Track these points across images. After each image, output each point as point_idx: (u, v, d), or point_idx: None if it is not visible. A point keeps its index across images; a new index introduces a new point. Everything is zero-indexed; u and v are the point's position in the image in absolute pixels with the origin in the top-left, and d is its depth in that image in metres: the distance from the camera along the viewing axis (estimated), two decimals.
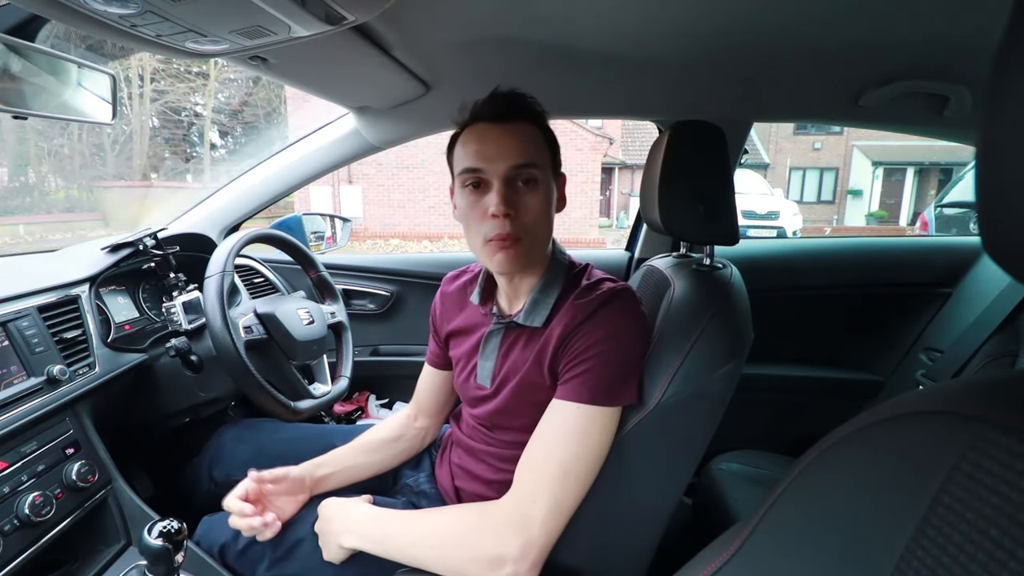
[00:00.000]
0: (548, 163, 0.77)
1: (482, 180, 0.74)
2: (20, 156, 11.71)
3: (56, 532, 0.80)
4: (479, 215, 0.74)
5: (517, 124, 0.74)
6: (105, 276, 1.09)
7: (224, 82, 14.64)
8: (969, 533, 0.27)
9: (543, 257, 0.81)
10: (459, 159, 0.76)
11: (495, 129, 0.74)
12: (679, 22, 0.87)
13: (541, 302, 0.79)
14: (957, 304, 1.57)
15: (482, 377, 0.85)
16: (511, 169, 0.73)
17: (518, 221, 0.73)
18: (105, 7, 0.60)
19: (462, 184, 0.76)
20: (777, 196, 11.26)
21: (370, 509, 0.81)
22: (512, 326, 0.82)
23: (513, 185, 0.73)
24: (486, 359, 0.84)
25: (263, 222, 1.65)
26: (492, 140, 0.73)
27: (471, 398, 0.89)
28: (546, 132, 0.79)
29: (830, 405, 1.63)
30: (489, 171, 0.73)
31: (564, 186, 0.83)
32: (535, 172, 0.74)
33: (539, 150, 0.76)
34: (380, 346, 1.77)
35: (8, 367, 0.83)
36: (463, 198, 0.76)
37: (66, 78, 0.91)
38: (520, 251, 0.74)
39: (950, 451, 0.30)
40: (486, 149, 0.73)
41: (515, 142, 0.73)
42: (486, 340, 0.85)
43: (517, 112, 0.75)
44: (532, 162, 0.73)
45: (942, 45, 0.92)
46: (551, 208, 0.78)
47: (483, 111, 0.75)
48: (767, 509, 0.41)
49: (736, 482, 1.23)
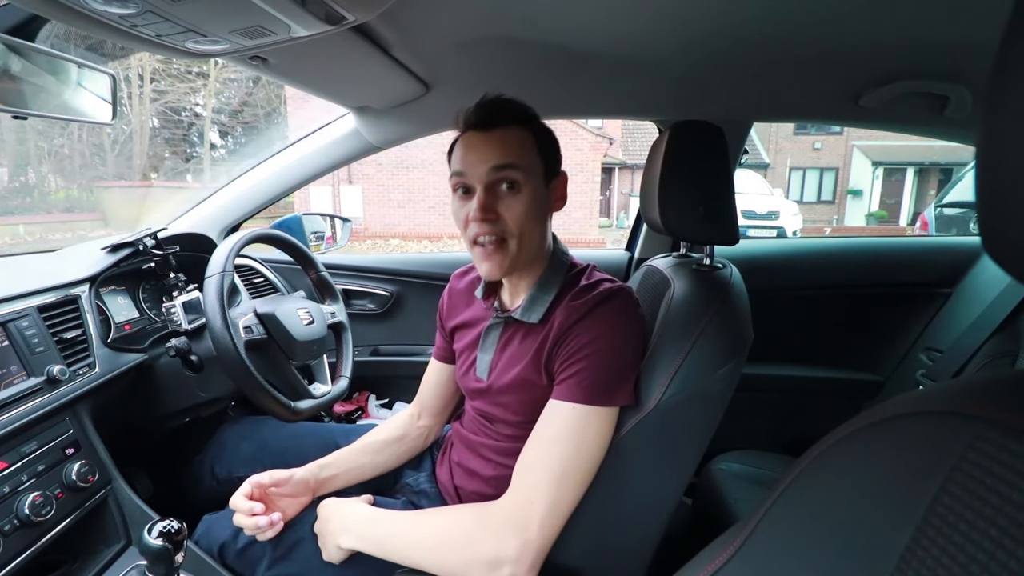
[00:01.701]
0: (535, 164, 0.78)
1: (468, 186, 0.77)
2: (20, 156, 11.71)
3: (56, 532, 0.80)
4: (465, 219, 0.77)
5: (503, 129, 0.76)
6: (105, 276, 1.09)
7: (224, 82, 14.64)
8: (969, 533, 0.27)
9: (539, 256, 0.82)
10: (451, 164, 0.80)
11: (480, 136, 0.76)
12: (679, 22, 0.87)
13: (538, 299, 0.81)
14: (957, 304, 1.57)
15: (480, 370, 0.87)
16: (490, 172, 0.75)
17: (501, 224, 0.76)
18: (105, 7, 0.60)
19: (453, 189, 0.80)
20: (777, 196, 11.26)
21: (368, 510, 0.82)
22: (511, 321, 0.84)
23: (494, 190, 0.76)
24: (485, 352, 0.86)
25: (263, 222, 1.66)
26: (475, 147, 0.76)
27: (470, 390, 0.90)
28: (538, 133, 0.80)
29: (830, 405, 1.64)
30: (471, 176, 0.76)
31: (564, 185, 0.84)
32: (515, 175, 0.75)
33: (524, 152, 0.77)
34: (380, 346, 1.77)
35: (8, 367, 0.83)
36: (454, 203, 0.80)
37: (66, 78, 0.91)
38: (505, 255, 0.77)
39: (950, 451, 0.30)
40: (469, 156, 0.76)
41: (496, 147, 0.75)
42: (486, 333, 0.87)
43: (502, 118, 0.76)
44: (511, 163, 0.75)
45: (942, 45, 0.92)
46: (539, 209, 0.79)
47: (470, 119, 0.77)
48: (767, 509, 0.41)
49: (736, 482, 1.23)
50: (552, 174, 0.82)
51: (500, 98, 0.78)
